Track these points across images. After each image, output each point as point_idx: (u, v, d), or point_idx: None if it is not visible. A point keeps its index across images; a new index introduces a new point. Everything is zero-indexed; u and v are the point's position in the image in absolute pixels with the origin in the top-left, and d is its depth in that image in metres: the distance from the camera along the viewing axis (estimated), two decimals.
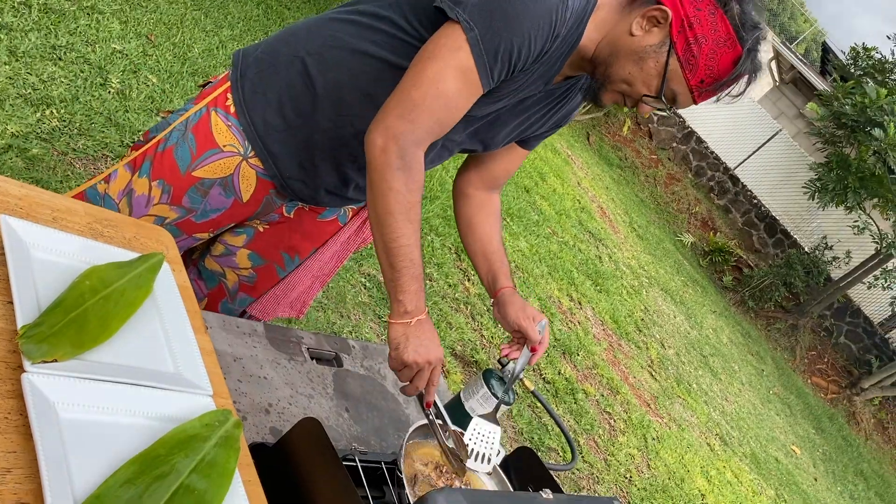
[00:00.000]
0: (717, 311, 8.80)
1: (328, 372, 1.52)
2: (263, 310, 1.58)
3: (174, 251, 1.24)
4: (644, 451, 4.14)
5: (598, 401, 4.15)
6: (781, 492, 5.53)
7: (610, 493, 3.53)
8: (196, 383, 1.02)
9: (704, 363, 6.60)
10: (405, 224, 1.16)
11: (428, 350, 1.19)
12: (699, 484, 4.34)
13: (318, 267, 1.58)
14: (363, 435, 1.46)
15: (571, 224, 6.39)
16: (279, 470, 1.10)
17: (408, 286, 1.18)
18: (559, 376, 3.97)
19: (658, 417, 4.65)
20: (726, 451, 5.21)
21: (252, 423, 1.27)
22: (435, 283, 3.66)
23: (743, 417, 6.24)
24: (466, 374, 3.29)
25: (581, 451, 3.61)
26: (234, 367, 1.34)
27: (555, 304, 4.66)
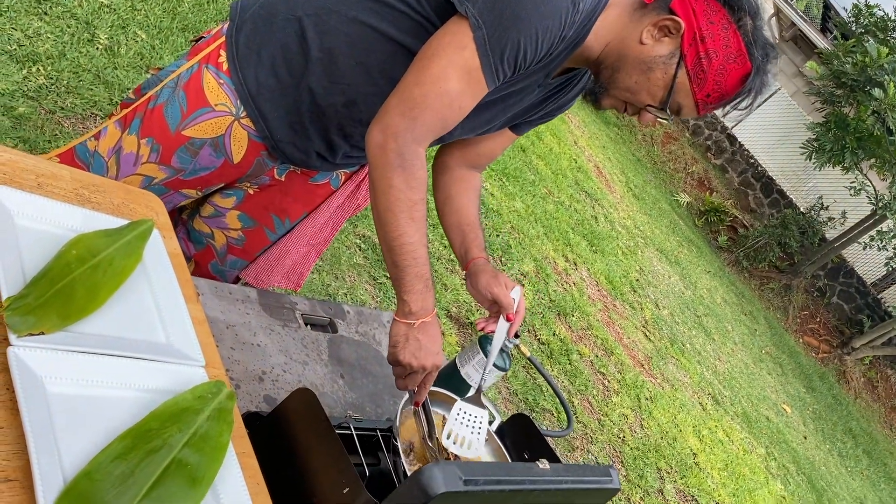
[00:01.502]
0: (711, 271, 8.83)
1: (322, 338, 1.51)
2: (257, 277, 1.56)
3: (164, 217, 1.22)
4: (637, 412, 4.18)
5: (593, 361, 4.17)
6: (772, 450, 5.61)
7: (603, 453, 3.57)
8: (188, 354, 1.00)
9: (698, 323, 6.64)
10: (407, 222, 1.13)
11: (425, 355, 1.17)
12: (691, 443, 4.39)
13: (313, 234, 1.55)
14: (358, 401, 1.45)
15: (568, 184, 6.35)
16: (274, 440, 1.09)
17: (412, 285, 1.16)
18: (554, 337, 3.97)
19: (651, 378, 4.69)
20: (718, 411, 5.26)
21: (245, 391, 1.26)
22: (430, 245, 3.63)
23: (735, 377, 6.29)
24: (461, 336, 3.29)
25: (575, 411, 3.63)
26: (227, 334, 1.32)
27: (550, 265, 4.65)
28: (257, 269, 1.56)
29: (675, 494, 3.82)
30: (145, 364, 0.93)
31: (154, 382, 0.93)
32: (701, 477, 4.14)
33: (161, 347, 0.98)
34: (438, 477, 0.93)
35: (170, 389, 0.94)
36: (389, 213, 1.14)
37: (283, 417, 1.08)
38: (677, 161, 11.40)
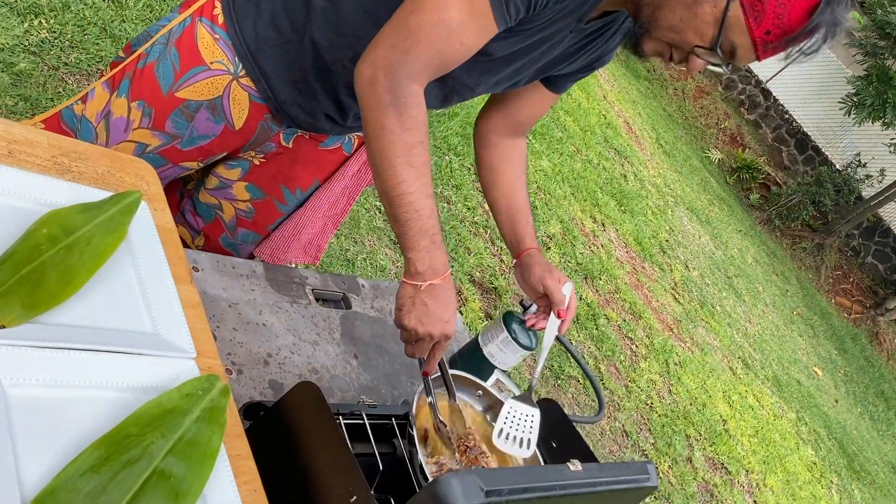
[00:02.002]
0: (742, 230, 8.60)
1: (335, 315, 1.40)
2: (273, 253, 1.44)
3: (156, 187, 1.10)
4: (665, 377, 4.06)
5: (620, 326, 4.04)
6: (802, 414, 5.49)
7: (630, 420, 3.47)
8: (176, 344, 0.89)
9: (728, 284, 6.47)
10: (405, 168, 1.00)
11: (433, 321, 1.05)
12: (721, 409, 4.27)
13: (329, 205, 1.43)
14: (373, 383, 1.35)
15: (596, 141, 6.15)
16: (276, 436, 0.98)
17: (416, 241, 1.03)
18: (580, 302, 3.85)
19: (680, 342, 4.56)
20: (748, 375, 5.14)
21: (248, 376, 1.16)
22: (453, 207, 3.50)
23: (766, 340, 6.14)
24: (485, 302, 3.17)
25: (602, 378, 3.53)
26: (229, 314, 1.22)
27: (577, 227, 4.50)
28: (272, 247, 1.45)
29: (703, 462, 3.72)
30: (126, 358, 0.83)
31: (136, 380, 0.82)
32: (730, 444, 4.03)
33: (145, 338, 0.87)
34: (456, 489, 0.82)
35: (154, 387, 0.84)
36: (384, 160, 1.00)
37: (285, 414, 0.97)
38: (709, 116, 11.06)
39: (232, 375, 1.13)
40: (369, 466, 1.13)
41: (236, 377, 1.14)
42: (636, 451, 3.33)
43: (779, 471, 4.28)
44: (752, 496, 3.85)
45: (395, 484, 1.15)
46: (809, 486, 4.48)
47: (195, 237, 1.45)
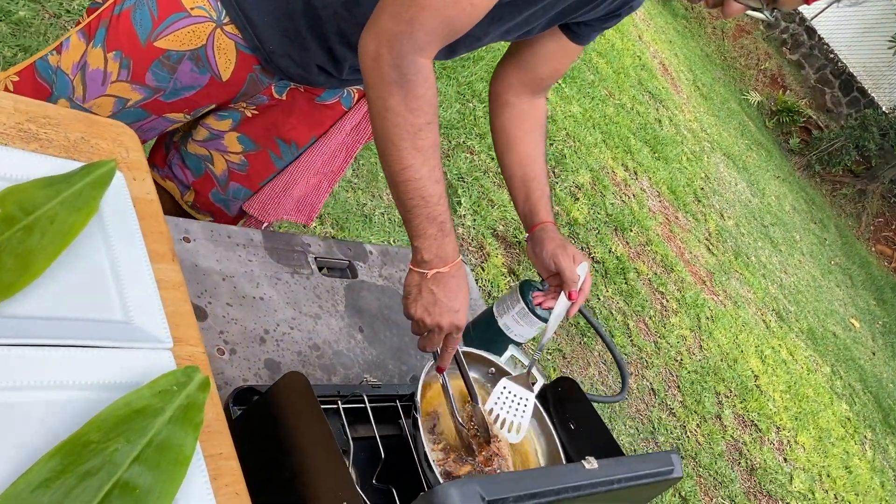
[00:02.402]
0: (780, 176, 8.32)
1: (339, 285, 1.31)
2: (263, 209, 1.35)
3: (136, 153, 1.01)
4: (696, 332, 3.96)
5: (651, 279, 3.92)
6: (837, 368, 5.35)
7: (658, 378, 3.39)
8: (151, 334, 0.81)
9: (765, 234, 6.27)
10: (411, 153, 0.93)
11: (440, 311, 0.99)
12: (753, 364, 4.16)
13: (323, 162, 1.33)
14: (378, 359, 1.27)
15: (630, 84, 5.92)
16: (263, 429, 0.91)
17: (423, 229, 0.96)
18: (609, 255, 3.73)
19: (713, 295, 4.43)
20: (782, 328, 5.00)
21: (242, 356, 1.08)
22: (476, 157, 3.38)
23: (801, 291, 5.98)
24: (508, 257, 3.07)
25: (630, 334, 3.43)
26: (223, 288, 1.14)
27: (608, 176, 4.35)
28: (262, 200, 1.35)
29: (733, 420, 3.64)
30: (90, 353, 0.75)
31: (101, 377, 0.75)
32: (762, 400, 3.94)
33: (114, 328, 0.79)
34: (455, 499, 0.74)
35: (123, 384, 0.76)
36: (388, 143, 0.93)
37: (272, 407, 0.90)
38: (749, 57, 10.63)
39: (224, 356, 1.06)
40: (372, 452, 1.06)
41: (229, 357, 1.06)
42: (663, 410, 3.25)
43: (811, 427, 4.18)
44: (782, 454, 3.77)
45: (398, 472, 1.07)
46: (842, 442, 4.39)
47: (184, 192, 1.36)
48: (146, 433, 0.72)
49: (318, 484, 0.83)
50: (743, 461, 3.46)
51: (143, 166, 1.00)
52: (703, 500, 3.02)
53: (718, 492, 3.14)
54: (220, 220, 1.41)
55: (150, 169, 1.39)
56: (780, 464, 3.68)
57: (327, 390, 1.07)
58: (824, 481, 3.88)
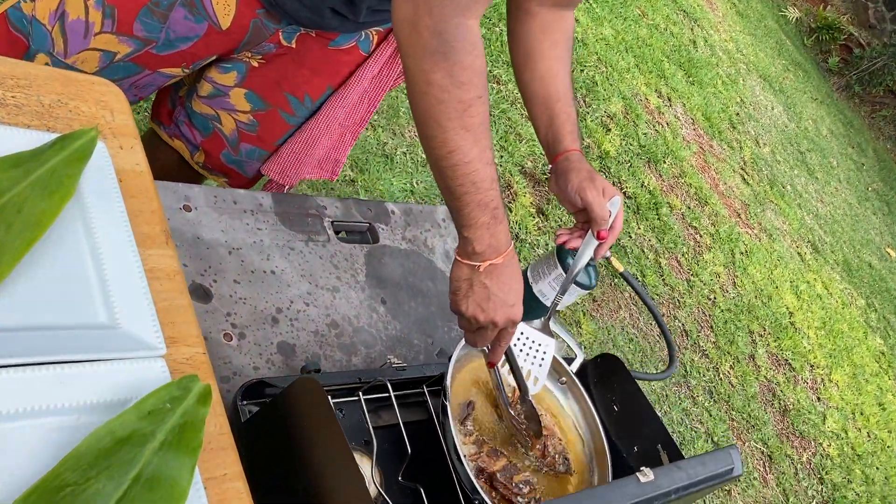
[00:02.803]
0: (818, 98, 7.96)
1: (359, 252, 1.19)
2: (283, 171, 1.22)
3: (123, 116, 0.88)
4: (731, 268, 3.81)
5: (684, 214, 3.76)
6: (872, 300, 5.21)
7: (691, 318, 3.27)
8: (140, 339, 0.70)
9: (801, 160, 6.03)
10: (459, 133, 0.80)
11: (495, 307, 0.87)
12: (787, 301, 4.03)
13: (345, 114, 1.19)
14: (402, 333, 1.16)
15: (664, 3, 5.59)
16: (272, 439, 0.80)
17: (474, 218, 0.84)
18: (642, 189, 3.56)
19: (748, 228, 4.26)
20: (817, 261, 4.84)
21: (252, 340, 0.97)
22: (503, 87, 3.19)
23: (837, 220, 5.77)
24: (536, 196, 2.93)
25: (662, 273, 3.30)
26: (230, 262, 1.02)
27: (640, 103, 4.13)
28: (282, 163, 1.22)
29: (766, 359, 3.54)
30: (69, 369, 0.64)
31: (82, 397, 0.64)
32: (796, 338, 3.82)
33: (97, 336, 0.68)
34: None
35: (110, 403, 0.65)
36: (432, 123, 0.80)
37: (282, 415, 0.79)
38: None
39: (232, 342, 0.95)
40: (397, 442, 0.96)
41: (237, 343, 0.96)
42: (696, 352, 3.15)
43: (845, 364, 4.08)
44: (815, 392, 3.68)
45: (427, 466, 0.98)
46: (876, 378, 4.28)
47: (194, 153, 1.23)
48: (133, 466, 0.62)
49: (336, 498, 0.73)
50: (776, 402, 3.37)
51: (132, 131, 0.87)
52: (736, 443, 2.95)
53: (751, 435, 3.07)
54: (236, 183, 1.28)
55: (156, 126, 1.26)
56: (814, 403, 3.59)
57: (347, 378, 0.96)
58: (857, 419, 3.79)
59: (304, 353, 1.01)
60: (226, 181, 1.28)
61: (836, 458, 3.41)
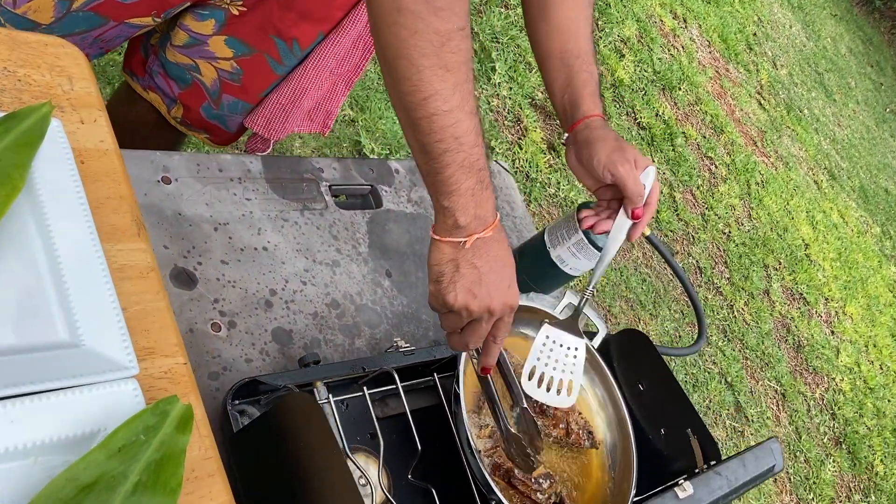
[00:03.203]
0: (837, 14, 7.64)
1: (361, 219, 1.09)
2: (269, 125, 1.10)
3: (84, 83, 0.76)
4: (746, 200, 3.69)
5: (699, 144, 3.61)
6: (888, 228, 5.10)
7: (705, 254, 3.17)
8: (108, 358, 0.61)
9: (819, 82, 5.80)
10: (437, 73, 0.66)
11: (488, 290, 0.73)
12: (803, 232, 3.92)
13: (337, 62, 1.06)
14: (410, 308, 1.06)
15: None
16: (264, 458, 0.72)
17: (457, 182, 0.70)
18: (656, 119, 3.41)
19: (764, 157, 4.11)
20: (833, 188, 4.71)
21: (244, 329, 0.88)
22: (512, 12, 2.99)
23: (854, 145, 5.60)
24: (547, 130, 2.78)
25: (677, 207, 3.19)
26: (216, 240, 0.92)
27: (655, 26, 3.92)
28: (268, 115, 1.10)
29: (781, 294, 3.46)
30: (18, 404, 0.55)
31: (37, 435, 0.55)
32: (811, 271, 3.73)
33: (56, 359, 0.59)
34: None
35: (73, 440, 0.56)
36: (403, 61, 0.66)
37: (274, 431, 0.70)
38: None
39: (220, 332, 0.86)
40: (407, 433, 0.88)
41: (227, 333, 0.86)
42: (710, 289, 3.07)
43: (859, 296, 4.00)
44: (829, 326, 3.62)
45: (439, 460, 0.90)
46: (890, 309, 4.22)
47: (171, 106, 1.11)
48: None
49: None
50: (790, 338, 3.31)
51: (95, 100, 0.76)
52: (750, 383, 2.91)
53: (765, 373, 3.02)
54: (218, 139, 1.17)
55: (129, 77, 1.14)
56: (828, 337, 3.53)
57: (349, 368, 0.87)
58: (870, 352, 3.74)
59: (301, 339, 0.92)
60: (207, 137, 1.16)
61: (848, 393, 3.37)
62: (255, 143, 1.14)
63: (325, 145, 2.02)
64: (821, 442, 3.06)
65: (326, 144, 2.01)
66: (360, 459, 0.84)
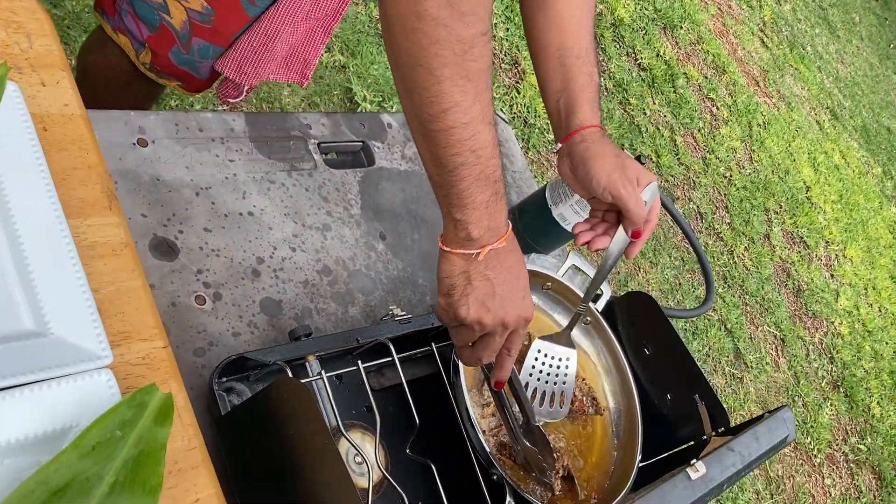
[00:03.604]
0: None
1: (352, 179, 1.03)
2: (240, 69, 1.03)
3: (46, 39, 0.69)
4: (747, 142, 3.62)
5: (701, 85, 3.52)
6: (889, 168, 5.04)
7: (706, 199, 3.12)
8: (79, 347, 0.56)
9: (822, 18, 5.65)
10: (458, 84, 0.60)
11: (503, 304, 0.69)
12: (805, 174, 3.86)
13: (312, 4, 0.99)
14: (405, 273, 1.02)
15: None
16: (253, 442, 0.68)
17: (471, 195, 0.65)
18: (657, 59, 3.31)
19: (766, 97, 4.02)
20: (836, 128, 4.62)
21: (230, 300, 0.83)
22: None
23: (857, 83, 5.49)
24: None
25: (677, 151, 3.12)
26: (198, 206, 0.86)
27: None
28: (239, 58, 1.03)
29: (782, 238, 3.42)
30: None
31: (2, 435, 0.51)
32: (812, 214, 3.69)
33: (21, 351, 0.54)
34: None
35: (42, 439, 0.52)
36: (422, 71, 0.60)
37: (262, 416, 0.66)
38: None
39: (205, 305, 0.81)
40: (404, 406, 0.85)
41: (212, 306, 0.82)
42: (710, 235, 3.02)
43: (860, 238, 3.97)
44: (829, 270, 3.59)
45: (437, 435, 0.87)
46: (890, 250, 4.19)
47: (140, 51, 1.04)
48: None
49: None
50: (790, 282, 3.29)
51: (57, 59, 0.69)
52: (749, 329, 2.89)
53: (765, 319, 3.00)
54: (190, 87, 1.10)
55: (100, 17, 1.07)
56: (827, 281, 3.51)
57: (342, 340, 0.83)
58: (869, 294, 3.73)
59: (292, 309, 0.87)
60: (179, 85, 1.09)
61: (846, 337, 3.36)
62: (226, 89, 1.08)
63: (315, 93, 1.94)
64: (819, 386, 3.06)
65: (316, 93, 1.93)
66: (355, 437, 0.80)
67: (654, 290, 2.58)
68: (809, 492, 2.68)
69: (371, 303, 0.95)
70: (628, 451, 0.96)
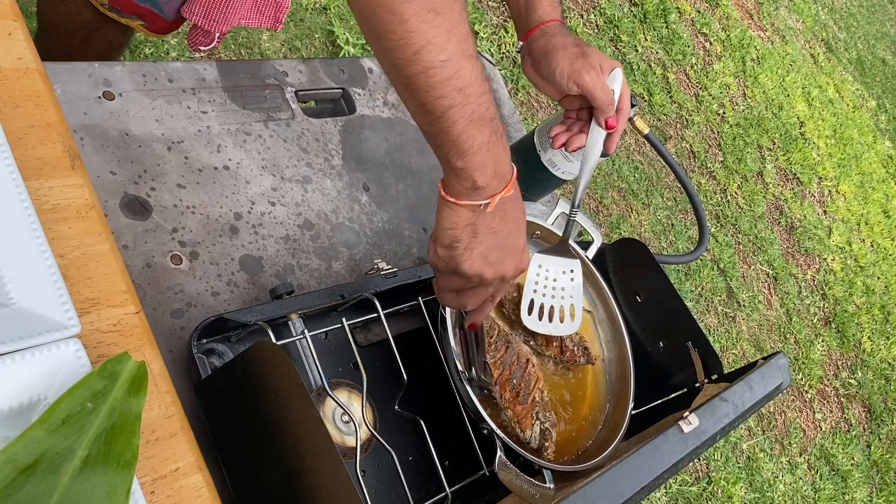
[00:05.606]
0: None
1: (332, 128, 0.99)
2: (207, 14, 0.98)
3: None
4: (741, 78, 3.55)
5: (694, 20, 3.44)
6: (883, 101, 4.98)
7: (699, 138, 3.08)
8: (43, 317, 0.53)
9: None
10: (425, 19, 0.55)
11: (503, 257, 0.67)
12: (798, 109, 3.81)
13: None
14: (391, 225, 0.99)
15: None
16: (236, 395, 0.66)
17: (469, 138, 0.61)
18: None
19: (760, 31, 3.94)
20: (830, 61, 4.55)
21: (207, 259, 0.80)
22: None
23: (853, 13, 5.38)
24: None
25: (670, 88, 3.06)
26: (171, 162, 0.82)
27: None
28: (206, 3, 0.98)
29: (775, 175, 3.39)
30: None
31: None
32: (806, 150, 3.65)
33: None
34: None
35: (7, 416, 0.50)
36: (382, 11, 0.56)
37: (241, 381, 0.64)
38: None
39: (181, 265, 0.78)
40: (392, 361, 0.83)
41: (189, 265, 0.79)
42: (703, 174, 2.99)
43: (853, 173, 3.94)
44: (822, 206, 3.57)
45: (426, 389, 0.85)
46: (882, 185, 4.17)
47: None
48: (45, 500, 0.47)
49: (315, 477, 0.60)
50: (783, 220, 3.27)
51: (9, 9, 0.65)
52: (742, 268, 2.88)
53: (757, 257, 2.99)
54: (154, 27, 1.04)
55: None
56: (820, 217, 3.49)
57: (326, 297, 0.81)
58: (862, 230, 3.72)
59: (273, 265, 0.85)
60: (142, 24, 1.04)
61: (838, 273, 3.37)
62: (196, 36, 1.02)
63: (296, 37, 1.87)
64: (811, 323, 3.08)
65: (297, 37, 1.87)
66: (341, 395, 0.78)
67: (647, 232, 2.56)
68: (801, 426, 2.72)
69: (356, 257, 0.93)
70: (620, 399, 0.94)
